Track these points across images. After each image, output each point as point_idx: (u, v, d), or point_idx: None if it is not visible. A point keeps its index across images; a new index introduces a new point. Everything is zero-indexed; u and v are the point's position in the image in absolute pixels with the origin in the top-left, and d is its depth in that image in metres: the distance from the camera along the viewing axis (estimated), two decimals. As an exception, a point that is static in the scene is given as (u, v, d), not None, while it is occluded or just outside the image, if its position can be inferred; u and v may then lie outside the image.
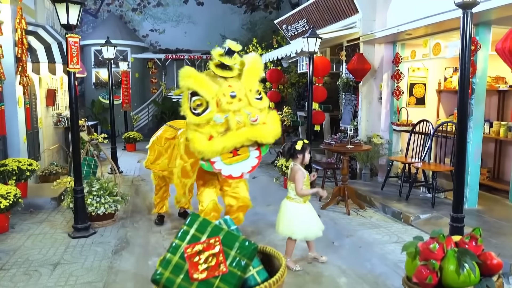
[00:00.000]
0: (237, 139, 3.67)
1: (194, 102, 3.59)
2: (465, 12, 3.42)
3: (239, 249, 1.72)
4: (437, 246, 1.83)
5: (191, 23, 17.07)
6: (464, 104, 3.49)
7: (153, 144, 5.07)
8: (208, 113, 3.59)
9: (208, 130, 3.64)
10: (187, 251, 1.73)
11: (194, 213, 1.91)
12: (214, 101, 3.60)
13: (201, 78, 3.62)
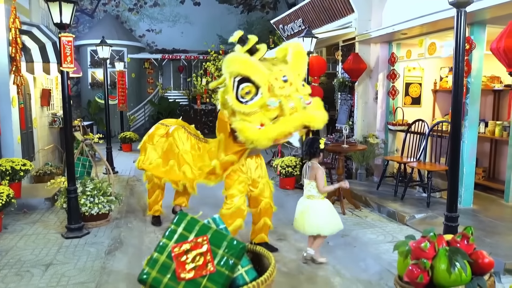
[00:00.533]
0: (292, 124, 3.44)
1: (243, 90, 3.35)
2: (459, 11, 3.41)
3: (227, 248, 1.70)
4: (428, 245, 1.82)
5: (188, 23, 17.03)
6: (458, 103, 3.48)
7: (144, 143, 5.01)
8: (259, 99, 3.37)
9: (258, 118, 3.42)
10: (175, 250, 1.71)
11: (182, 212, 1.89)
12: (267, 86, 3.39)
13: (252, 62, 3.37)
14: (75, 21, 15.95)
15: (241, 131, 3.42)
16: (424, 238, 1.87)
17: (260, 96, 3.37)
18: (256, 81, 3.34)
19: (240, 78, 3.36)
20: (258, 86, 3.35)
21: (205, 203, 5.75)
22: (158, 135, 4.88)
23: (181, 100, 16.28)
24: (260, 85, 3.35)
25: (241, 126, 3.42)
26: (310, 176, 3.93)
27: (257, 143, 3.41)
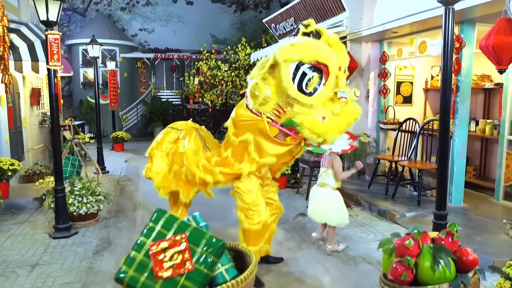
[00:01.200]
0: (353, 115, 3.15)
1: (312, 79, 2.98)
2: (447, 9, 3.40)
3: (206, 246, 1.67)
4: (412, 242, 1.80)
5: (181, 23, 16.98)
6: (446, 101, 3.47)
7: (152, 150, 4.11)
8: (325, 89, 3.02)
9: (321, 110, 3.07)
10: (152, 248, 1.68)
11: (161, 209, 1.86)
12: (334, 75, 3.04)
13: (326, 49, 3.03)
14: (67, 20, 15.86)
15: (307, 124, 3.04)
16: (408, 235, 1.85)
17: (323, 87, 3.03)
18: (331, 69, 3.00)
19: (308, 66, 2.98)
20: (328, 74, 3.00)
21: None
22: (168, 142, 3.97)
23: (174, 100, 16.22)
24: (331, 74, 3.01)
25: (304, 120, 3.06)
26: (328, 164, 4.16)
27: (326, 136, 3.07)
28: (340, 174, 4.13)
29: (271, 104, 3.14)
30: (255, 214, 3.49)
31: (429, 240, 1.88)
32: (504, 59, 3.75)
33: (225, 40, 17.02)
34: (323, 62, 2.98)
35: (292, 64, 2.99)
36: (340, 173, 4.13)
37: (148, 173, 4.03)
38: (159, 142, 4.03)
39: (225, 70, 12.60)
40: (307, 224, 5.22)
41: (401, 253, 1.83)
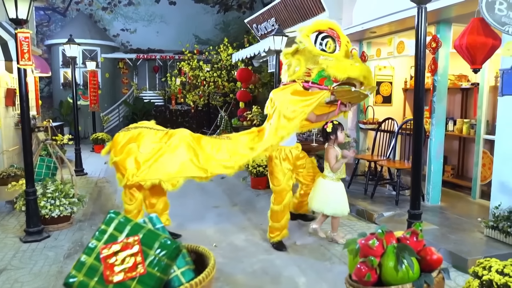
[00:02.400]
0: (367, 68, 4.21)
1: (328, 42, 4.06)
2: (420, 8, 3.40)
3: (160, 248, 1.61)
4: (376, 242, 1.77)
5: (163, 23, 16.84)
6: (419, 101, 3.47)
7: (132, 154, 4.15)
8: (340, 51, 4.12)
9: (346, 61, 4.07)
10: (103, 251, 1.61)
11: (114, 211, 1.79)
12: (345, 41, 4.19)
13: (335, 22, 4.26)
14: (47, 19, 15.60)
15: (335, 64, 3.97)
16: (372, 235, 1.82)
17: (339, 49, 4.12)
18: (340, 34, 4.16)
19: (325, 34, 4.07)
20: (339, 39, 4.13)
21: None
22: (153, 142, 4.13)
23: (157, 101, 16.07)
24: (341, 37, 4.15)
25: (332, 62, 3.99)
26: (325, 158, 4.37)
27: (351, 72, 3.97)
28: (333, 165, 4.28)
29: (302, 70, 4.08)
30: (278, 197, 4.33)
31: (394, 240, 1.86)
32: (477, 58, 3.77)
33: (209, 40, 16.93)
34: (334, 29, 4.14)
35: (312, 35, 4.07)
36: (333, 165, 4.28)
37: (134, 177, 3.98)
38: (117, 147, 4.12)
39: (207, 70, 12.51)
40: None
41: (365, 253, 1.80)
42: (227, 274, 3.83)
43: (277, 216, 4.36)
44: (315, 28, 4.10)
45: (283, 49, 6.48)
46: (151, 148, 4.03)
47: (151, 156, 3.99)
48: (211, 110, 14.78)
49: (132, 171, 3.96)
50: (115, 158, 4.08)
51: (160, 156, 3.99)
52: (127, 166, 3.98)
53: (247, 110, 9.48)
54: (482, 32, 3.69)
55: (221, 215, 5.62)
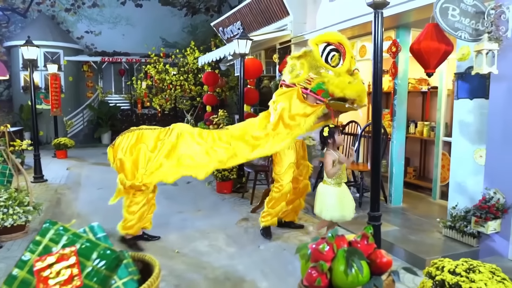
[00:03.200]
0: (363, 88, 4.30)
1: (335, 56, 4.16)
2: (376, 12, 3.45)
3: (99, 259, 1.54)
4: (326, 246, 1.75)
5: (130, 25, 16.53)
6: (377, 103, 3.51)
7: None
8: (345, 65, 4.17)
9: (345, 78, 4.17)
10: (37, 264, 1.53)
11: (51, 221, 1.71)
12: (350, 56, 4.22)
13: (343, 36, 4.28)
14: (6, 20, 15.04)
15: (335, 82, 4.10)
16: (323, 240, 1.81)
17: (342, 65, 4.17)
18: (347, 49, 4.18)
19: (332, 47, 4.17)
20: (345, 54, 4.16)
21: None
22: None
23: (123, 105, 15.75)
24: (347, 53, 4.18)
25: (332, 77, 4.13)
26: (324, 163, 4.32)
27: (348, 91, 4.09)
28: (328, 171, 4.22)
29: (304, 76, 4.20)
30: (279, 188, 4.59)
31: (345, 244, 1.85)
32: (431, 63, 3.85)
33: (176, 43, 16.75)
34: (343, 44, 4.18)
35: (321, 45, 4.18)
36: (328, 170, 4.22)
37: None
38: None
39: (174, 74, 12.35)
40: (250, 229, 5.15)
41: (316, 258, 1.78)
42: (188, 280, 3.76)
43: (274, 203, 4.65)
44: (325, 38, 4.20)
45: (247, 52, 6.49)
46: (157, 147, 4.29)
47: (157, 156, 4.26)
48: (178, 114, 14.61)
49: (142, 173, 4.23)
50: (124, 157, 4.26)
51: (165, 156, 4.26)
52: (138, 167, 4.23)
53: (214, 114, 9.41)
54: (435, 38, 3.77)
55: (185, 220, 5.53)
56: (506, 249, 3.81)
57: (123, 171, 4.29)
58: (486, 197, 3.91)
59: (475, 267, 2.47)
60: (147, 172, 4.20)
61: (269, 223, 4.77)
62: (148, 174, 4.21)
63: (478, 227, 3.87)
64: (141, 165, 4.21)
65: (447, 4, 3.65)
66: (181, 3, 17.32)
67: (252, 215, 5.69)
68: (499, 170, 3.83)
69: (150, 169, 4.21)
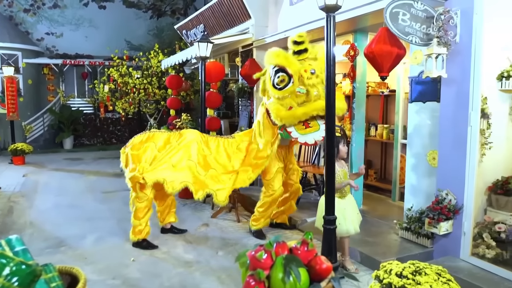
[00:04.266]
0: (315, 107, 4.17)
1: (278, 78, 4.21)
2: (328, 16, 3.45)
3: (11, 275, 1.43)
4: (264, 254, 1.71)
5: (93, 27, 16.10)
6: (331, 107, 3.51)
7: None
8: (291, 87, 4.18)
9: (288, 102, 4.24)
10: None
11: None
12: (297, 76, 4.17)
13: (288, 56, 4.26)
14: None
15: (274, 111, 4.26)
16: (261, 247, 1.76)
17: (291, 84, 4.18)
18: (290, 71, 4.16)
19: (277, 68, 4.23)
20: (291, 75, 4.15)
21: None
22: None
23: (86, 109, 15.31)
24: (293, 74, 4.16)
25: (274, 107, 4.28)
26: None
27: (285, 121, 4.24)
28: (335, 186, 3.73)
29: (267, 96, 4.52)
30: (270, 192, 4.72)
31: (286, 251, 1.81)
32: (384, 66, 3.90)
33: (141, 46, 16.44)
34: (281, 66, 4.21)
35: (271, 67, 4.34)
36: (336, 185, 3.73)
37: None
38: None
39: (137, 77, 12.09)
40: (209, 234, 5.08)
41: (254, 266, 1.73)
42: (141, 290, 3.65)
43: (266, 208, 4.78)
44: (272, 61, 4.29)
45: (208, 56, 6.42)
46: (165, 148, 4.52)
47: (163, 156, 4.47)
48: (142, 118, 14.33)
49: (143, 166, 4.42)
50: (131, 152, 4.52)
51: (170, 157, 4.46)
52: (141, 160, 4.45)
53: (177, 118, 9.26)
54: (388, 41, 3.82)
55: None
56: (458, 249, 3.88)
57: (128, 165, 4.55)
58: (439, 198, 3.98)
59: (421, 269, 2.48)
60: (150, 168, 4.41)
61: (262, 226, 4.90)
62: (151, 170, 4.40)
63: (431, 228, 3.93)
64: (145, 159, 4.45)
65: (397, 9, 3.71)
66: (146, 6, 17.04)
67: (213, 220, 5.63)
68: (450, 172, 3.91)
69: (154, 165, 4.43)
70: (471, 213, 3.78)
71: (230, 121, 9.09)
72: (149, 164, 4.45)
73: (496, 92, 4.02)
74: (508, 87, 3.92)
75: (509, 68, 3.90)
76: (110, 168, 10.05)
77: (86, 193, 7.38)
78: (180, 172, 4.44)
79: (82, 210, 6.25)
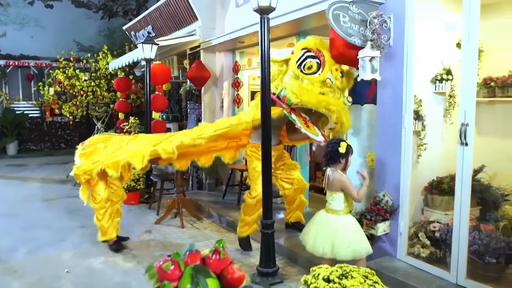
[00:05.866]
0: (336, 103, 4.01)
1: (309, 62, 4.03)
2: (262, 17, 3.42)
3: None
4: (170, 265, 1.61)
5: (39, 27, 15.42)
6: (265, 110, 3.48)
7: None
8: (321, 75, 4.00)
9: (309, 87, 3.99)
10: None
11: None
12: (329, 67, 4.02)
13: (326, 44, 4.13)
14: None
15: (292, 86, 3.96)
16: (168, 257, 1.67)
17: (319, 74, 4.00)
18: (325, 58, 4.00)
19: (310, 54, 4.04)
20: (322, 64, 3.99)
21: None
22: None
23: (32, 112, 14.62)
24: (327, 63, 3.99)
25: (293, 83, 4.02)
26: (335, 188, 3.38)
27: (306, 97, 3.89)
28: (357, 196, 3.36)
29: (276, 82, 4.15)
30: (253, 194, 4.30)
31: (198, 260, 1.72)
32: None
33: (92, 47, 15.89)
34: (321, 51, 4.04)
35: (302, 50, 4.08)
36: (357, 194, 3.35)
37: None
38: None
39: (85, 79, 11.66)
40: (152, 241, 4.93)
41: (161, 277, 1.63)
42: (71, 304, 3.47)
43: (250, 210, 4.33)
44: (306, 44, 4.13)
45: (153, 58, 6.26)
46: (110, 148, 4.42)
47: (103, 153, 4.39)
48: (90, 122, 13.81)
49: (86, 163, 4.33)
50: (81, 150, 4.47)
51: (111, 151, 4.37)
52: (88, 159, 4.37)
53: (126, 121, 8.99)
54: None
55: (85, 236, 5.17)
56: (395, 249, 3.94)
57: None
58: (376, 199, 4.03)
59: (348, 272, 2.47)
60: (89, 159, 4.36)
61: (249, 233, 4.44)
62: (89, 162, 4.34)
63: (369, 229, 3.96)
64: (91, 159, 4.37)
65: (337, 11, 3.73)
66: (96, 6, 16.54)
67: (157, 226, 5.47)
68: (387, 173, 3.97)
69: (92, 157, 4.38)
70: (406, 213, 3.85)
71: (180, 124, 8.93)
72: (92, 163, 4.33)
73: (430, 95, 4.14)
74: (442, 89, 4.04)
75: (442, 71, 4.02)
76: (56, 174, 9.63)
77: (25, 202, 7.00)
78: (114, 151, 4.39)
79: (18, 219, 5.91)
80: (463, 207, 3.18)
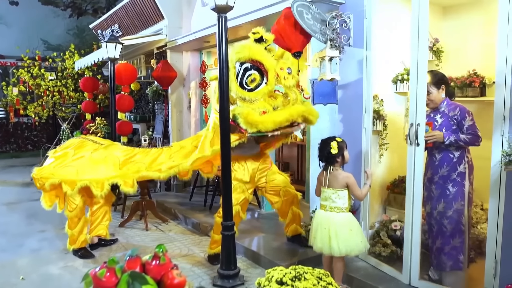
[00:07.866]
0: (295, 112, 3.67)
1: (249, 77, 3.58)
2: (220, 16, 3.37)
3: None
4: (105, 272, 1.55)
5: (3, 25, 14.97)
6: (224, 110, 3.43)
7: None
8: (265, 87, 3.59)
9: (261, 105, 3.61)
10: None
11: None
12: (274, 73, 3.61)
13: (262, 49, 3.62)
14: None
15: (244, 115, 3.49)
16: (104, 264, 1.60)
17: (265, 85, 3.59)
18: (265, 67, 3.54)
19: (246, 66, 3.58)
20: (265, 73, 3.56)
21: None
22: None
23: (-4, 113, 14.16)
24: (268, 71, 3.56)
25: (243, 111, 3.51)
26: (341, 185, 3.30)
27: (262, 126, 3.50)
28: (362, 193, 3.34)
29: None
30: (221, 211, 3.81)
31: (137, 266, 1.67)
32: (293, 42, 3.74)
33: (60, 46, 15.49)
34: (257, 60, 3.55)
35: (237, 64, 3.62)
36: (361, 193, 3.34)
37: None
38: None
39: (51, 79, 11.33)
40: (113, 245, 4.80)
41: (96, 285, 1.57)
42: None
43: (220, 229, 3.79)
44: (238, 57, 3.60)
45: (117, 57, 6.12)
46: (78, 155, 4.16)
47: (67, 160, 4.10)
48: (56, 123, 13.44)
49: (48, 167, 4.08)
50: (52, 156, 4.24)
51: (74, 160, 4.09)
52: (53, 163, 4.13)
53: (92, 122, 8.79)
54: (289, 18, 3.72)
55: (44, 240, 5.02)
56: (357, 248, 3.94)
57: None
58: (338, 199, 4.02)
59: (301, 274, 2.45)
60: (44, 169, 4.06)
61: (218, 250, 3.90)
62: (44, 170, 4.04)
63: (331, 229, 3.96)
64: (56, 164, 4.12)
65: (300, 8, 3.69)
66: (64, 3, 16.15)
67: (120, 229, 5.35)
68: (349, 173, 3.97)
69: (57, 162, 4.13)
70: (367, 213, 3.86)
71: (148, 125, 8.78)
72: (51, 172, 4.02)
73: (392, 95, 4.18)
74: (403, 89, 4.08)
75: (403, 72, 4.06)
76: (20, 177, 9.34)
77: (-17, 206, 6.74)
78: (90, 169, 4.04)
79: (-27, 225, 5.68)
80: (415, 207, 3.19)
